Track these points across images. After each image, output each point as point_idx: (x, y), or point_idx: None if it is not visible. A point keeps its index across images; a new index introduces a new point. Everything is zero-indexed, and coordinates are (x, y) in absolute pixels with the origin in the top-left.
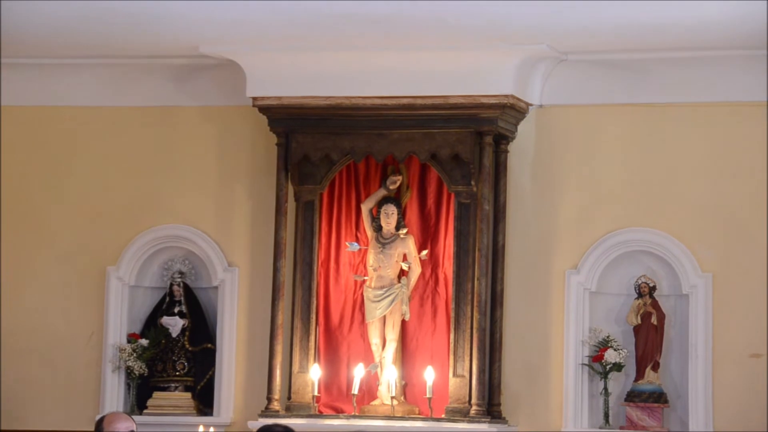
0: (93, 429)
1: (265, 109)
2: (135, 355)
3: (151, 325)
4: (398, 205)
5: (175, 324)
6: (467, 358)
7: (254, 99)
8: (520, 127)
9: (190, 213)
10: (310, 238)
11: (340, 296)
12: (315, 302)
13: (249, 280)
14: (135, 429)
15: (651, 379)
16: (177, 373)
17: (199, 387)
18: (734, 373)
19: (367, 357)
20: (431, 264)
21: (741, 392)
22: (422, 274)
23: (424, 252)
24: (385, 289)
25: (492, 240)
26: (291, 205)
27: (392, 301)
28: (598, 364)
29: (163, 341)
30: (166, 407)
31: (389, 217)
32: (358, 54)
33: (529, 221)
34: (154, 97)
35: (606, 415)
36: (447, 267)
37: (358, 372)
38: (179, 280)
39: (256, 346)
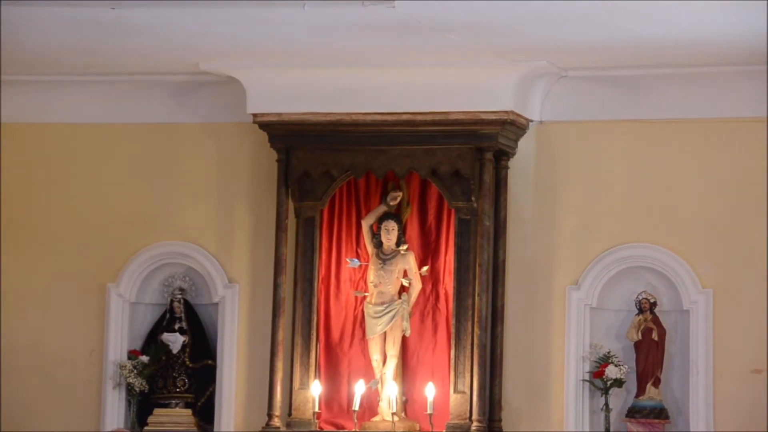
0: None
1: (265, 126)
2: (135, 371)
3: (152, 342)
4: (399, 221)
5: (175, 340)
6: (468, 374)
7: (254, 115)
8: (520, 143)
9: (191, 229)
10: (311, 255)
11: (341, 312)
12: (315, 318)
13: (249, 297)
14: None
15: (652, 395)
16: (177, 390)
17: (199, 403)
18: (735, 388)
19: (368, 373)
20: (432, 280)
21: (742, 408)
22: (423, 290)
23: (425, 268)
24: (385, 305)
25: (492, 256)
26: (291, 222)
27: (393, 317)
28: (598, 380)
29: (164, 358)
30: (167, 424)
31: (390, 233)
32: (359, 70)
33: (530, 237)
34: (154, 114)
35: (607, 431)
36: (447, 283)
37: (359, 388)
38: (180, 296)
39: (257, 363)
